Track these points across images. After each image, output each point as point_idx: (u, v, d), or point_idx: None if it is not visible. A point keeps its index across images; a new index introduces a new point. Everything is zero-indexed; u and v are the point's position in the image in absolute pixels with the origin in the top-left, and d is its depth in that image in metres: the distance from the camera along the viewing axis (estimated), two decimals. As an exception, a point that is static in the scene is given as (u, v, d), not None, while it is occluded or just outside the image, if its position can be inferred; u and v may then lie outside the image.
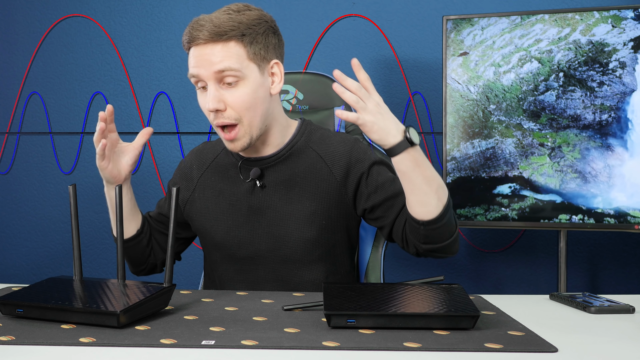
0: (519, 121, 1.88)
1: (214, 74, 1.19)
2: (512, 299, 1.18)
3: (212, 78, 1.19)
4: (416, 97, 2.17)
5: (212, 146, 1.42)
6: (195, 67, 1.20)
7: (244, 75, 1.20)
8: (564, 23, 1.85)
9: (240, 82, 1.20)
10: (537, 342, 0.84)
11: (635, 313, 1.05)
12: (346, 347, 0.81)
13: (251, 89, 1.21)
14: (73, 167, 2.29)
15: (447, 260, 2.19)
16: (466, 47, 1.92)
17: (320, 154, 1.30)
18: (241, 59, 1.20)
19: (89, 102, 2.29)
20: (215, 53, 1.19)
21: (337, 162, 1.29)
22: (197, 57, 1.20)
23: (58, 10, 2.30)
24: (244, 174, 1.32)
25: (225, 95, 1.20)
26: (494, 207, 1.90)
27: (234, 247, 1.31)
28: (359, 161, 1.29)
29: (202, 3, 2.25)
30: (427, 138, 2.17)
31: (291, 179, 1.29)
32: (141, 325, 0.93)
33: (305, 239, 1.27)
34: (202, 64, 1.19)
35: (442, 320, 0.90)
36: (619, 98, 1.81)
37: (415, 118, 2.18)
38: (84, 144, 2.30)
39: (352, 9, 2.19)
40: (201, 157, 1.41)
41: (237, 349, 0.81)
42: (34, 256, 2.32)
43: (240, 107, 1.21)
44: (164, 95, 2.26)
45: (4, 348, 0.82)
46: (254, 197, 1.30)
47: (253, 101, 1.22)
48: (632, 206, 1.80)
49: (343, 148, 1.30)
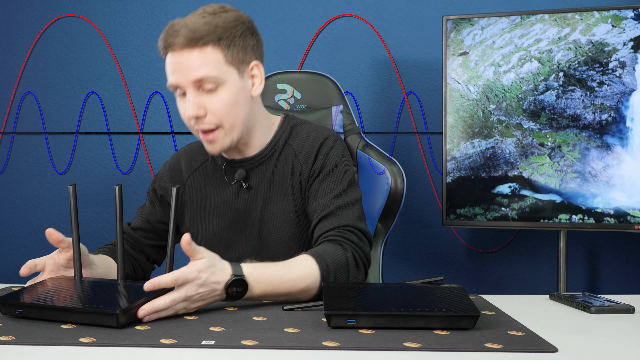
0: (518, 121, 1.88)
1: (193, 81, 1.17)
2: (512, 299, 1.18)
3: (190, 85, 1.17)
4: (410, 97, 2.17)
5: (199, 148, 1.39)
6: (173, 75, 1.18)
7: (223, 81, 1.18)
8: (563, 23, 1.85)
9: (219, 87, 1.18)
10: (537, 342, 0.84)
11: (635, 313, 1.05)
12: (346, 347, 0.81)
13: (231, 93, 1.19)
14: (67, 167, 2.29)
15: (447, 260, 2.19)
16: (466, 47, 1.92)
17: (296, 151, 1.30)
18: (219, 64, 1.18)
19: (84, 102, 2.29)
20: (192, 60, 1.16)
21: (308, 157, 1.28)
22: (174, 65, 1.18)
23: (52, 10, 2.29)
24: (229, 177, 1.31)
25: (205, 101, 1.18)
26: (493, 207, 1.90)
27: (221, 250, 1.30)
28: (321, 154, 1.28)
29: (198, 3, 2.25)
30: (421, 138, 2.17)
31: (272, 178, 1.29)
32: (141, 325, 0.93)
33: (286, 237, 1.28)
34: (179, 71, 1.17)
35: (442, 320, 0.90)
36: (619, 98, 1.81)
37: (409, 118, 2.17)
38: (79, 143, 2.29)
39: (347, 8, 2.19)
40: (189, 159, 1.39)
41: (237, 349, 0.81)
42: (34, 256, 2.32)
43: (220, 112, 1.19)
44: (159, 95, 2.26)
45: (4, 348, 0.82)
46: (239, 199, 1.30)
47: (234, 105, 1.20)
48: (632, 206, 1.80)
49: (314, 144, 1.29)
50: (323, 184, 1.26)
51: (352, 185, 1.28)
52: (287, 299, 1.08)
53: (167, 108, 2.25)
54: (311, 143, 1.29)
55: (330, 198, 1.24)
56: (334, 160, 1.27)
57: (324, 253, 1.13)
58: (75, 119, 2.30)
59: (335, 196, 1.24)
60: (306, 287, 1.09)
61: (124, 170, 2.28)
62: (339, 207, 1.23)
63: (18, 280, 2.31)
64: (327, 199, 1.24)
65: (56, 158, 2.31)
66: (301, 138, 1.31)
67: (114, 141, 2.29)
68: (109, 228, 2.27)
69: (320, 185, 1.26)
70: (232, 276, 1.00)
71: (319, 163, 1.27)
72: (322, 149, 1.28)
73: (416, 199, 2.18)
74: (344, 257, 1.14)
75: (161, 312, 0.95)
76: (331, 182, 1.26)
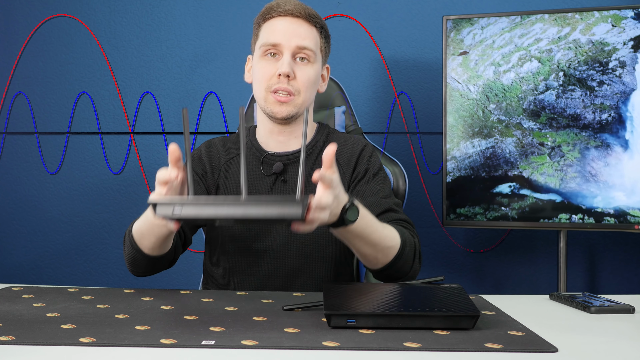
0: (518, 120, 1.88)
1: (296, 47, 1.29)
2: (512, 299, 1.18)
3: (291, 49, 1.29)
4: (402, 97, 2.17)
5: (234, 140, 1.43)
6: (278, 36, 1.29)
7: (315, 60, 1.32)
8: (563, 22, 1.85)
9: (309, 64, 1.31)
10: (537, 342, 0.84)
11: (635, 313, 1.05)
12: (346, 347, 0.81)
13: (315, 73, 1.32)
14: (59, 167, 2.29)
15: (447, 260, 2.20)
16: (466, 47, 1.92)
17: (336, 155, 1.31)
18: (317, 46, 1.33)
19: (75, 102, 2.29)
20: (302, 29, 1.30)
21: (349, 161, 1.35)
22: (285, 27, 1.29)
23: (44, 10, 2.29)
24: (266, 169, 1.34)
25: (295, 68, 1.30)
26: (493, 207, 1.90)
27: (249, 239, 1.32)
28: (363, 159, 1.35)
29: (197, 3, 2.25)
30: (412, 138, 2.17)
31: (309, 177, 1.30)
32: (141, 325, 0.93)
33: (316, 233, 1.28)
34: (287, 34, 1.29)
35: (442, 320, 0.90)
36: (619, 97, 1.81)
37: (401, 117, 2.17)
38: (70, 144, 2.29)
39: (338, 9, 2.19)
40: (225, 147, 1.42)
41: (237, 349, 0.81)
42: (34, 256, 2.32)
43: (305, 82, 1.30)
44: (150, 95, 2.26)
45: (4, 348, 0.82)
46: (274, 191, 1.33)
47: (314, 84, 1.33)
48: (632, 205, 1.80)
49: (355, 149, 1.37)
50: (369, 185, 1.32)
51: (392, 191, 1.37)
52: (372, 251, 1.13)
53: (158, 108, 2.25)
54: (350, 148, 1.37)
55: (379, 198, 1.30)
56: (376, 165, 1.36)
57: (401, 230, 1.20)
58: (67, 119, 2.30)
59: (385, 196, 1.31)
60: (390, 247, 1.15)
61: (115, 170, 2.28)
62: (395, 204, 1.30)
63: (18, 280, 2.32)
64: (377, 198, 1.30)
65: (47, 158, 2.31)
66: (340, 144, 1.36)
67: (105, 141, 2.28)
68: (108, 228, 2.27)
69: (366, 186, 1.32)
70: (349, 200, 1.04)
71: (362, 166, 1.35)
72: (364, 154, 1.36)
73: (416, 199, 2.18)
74: (413, 241, 1.22)
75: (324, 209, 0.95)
76: (377, 184, 1.33)
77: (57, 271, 2.31)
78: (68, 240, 2.29)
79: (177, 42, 2.26)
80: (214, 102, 2.24)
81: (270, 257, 1.32)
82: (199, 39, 2.25)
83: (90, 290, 1.20)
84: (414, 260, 1.21)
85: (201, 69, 2.25)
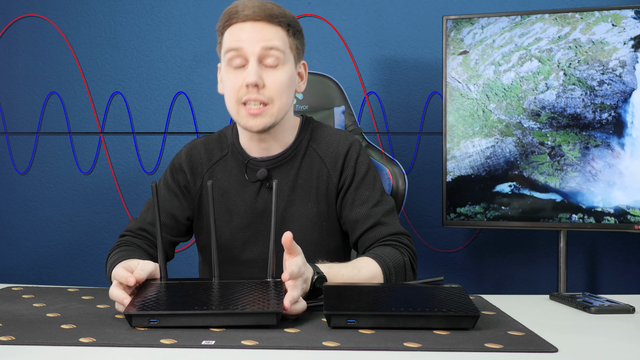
0: (519, 120, 1.88)
1: (262, 49, 1.19)
2: (512, 299, 1.18)
3: (256, 54, 1.19)
4: (371, 97, 2.17)
5: (217, 142, 1.36)
6: (243, 41, 1.20)
7: (285, 60, 1.22)
8: (564, 22, 1.85)
9: (279, 66, 1.22)
10: (537, 342, 0.84)
11: (635, 313, 1.05)
12: (346, 347, 0.81)
13: (288, 75, 1.23)
14: (28, 167, 2.29)
15: (447, 260, 2.20)
16: (466, 46, 1.92)
17: (320, 155, 1.30)
18: (286, 45, 1.23)
19: (44, 102, 2.29)
20: (265, 30, 1.20)
21: (335, 163, 1.29)
22: (246, 32, 1.20)
23: (13, 10, 2.29)
24: (250, 175, 1.30)
25: (264, 75, 1.21)
26: (493, 206, 1.90)
27: (237, 249, 1.30)
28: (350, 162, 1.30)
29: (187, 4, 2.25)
30: (379, 138, 2.17)
31: (295, 181, 1.29)
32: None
33: (307, 241, 1.26)
34: (250, 39, 1.20)
35: (442, 320, 0.89)
36: (619, 97, 1.81)
37: (370, 117, 2.17)
38: (39, 144, 2.29)
39: (307, 8, 2.19)
40: (208, 151, 1.35)
41: (237, 349, 0.81)
42: (34, 256, 2.32)
43: (276, 88, 1.21)
44: (119, 95, 2.26)
45: (4, 348, 0.82)
46: (260, 199, 1.29)
47: (287, 88, 1.23)
48: (632, 205, 1.80)
49: (340, 150, 1.30)
50: (358, 192, 1.28)
51: (383, 191, 1.31)
52: None
53: (127, 108, 2.25)
54: (335, 147, 1.31)
55: (369, 207, 1.26)
56: (364, 167, 1.30)
57: (384, 256, 1.18)
58: (36, 119, 2.30)
59: (374, 205, 1.27)
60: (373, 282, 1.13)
61: (85, 170, 2.28)
62: (383, 215, 1.26)
63: (18, 280, 2.32)
64: (366, 208, 1.26)
65: (17, 158, 2.30)
66: (325, 142, 1.31)
67: (74, 141, 2.28)
68: (108, 228, 2.27)
69: (355, 193, 1.28)
70: (315, 273, 1.06)
71: (349, 171, 1.29)
72: (350, 155, 1.30)
73: (416, 199, 2.18)
74: (402, 259, 1.20)
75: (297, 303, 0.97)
76: (366, 190, 1.28)
77: (57, 271, 2.31)
78: (68, 241, 2.29)
79: (177, 42, 2.26)
80: (213, 102, 2.24)
81: (259, 266, 1.28)
82: (199, 39, 2.25)
83: (90, 290, 1.20)
84: (405, 278, 1.20)
85: (201, 68, 2.25)
